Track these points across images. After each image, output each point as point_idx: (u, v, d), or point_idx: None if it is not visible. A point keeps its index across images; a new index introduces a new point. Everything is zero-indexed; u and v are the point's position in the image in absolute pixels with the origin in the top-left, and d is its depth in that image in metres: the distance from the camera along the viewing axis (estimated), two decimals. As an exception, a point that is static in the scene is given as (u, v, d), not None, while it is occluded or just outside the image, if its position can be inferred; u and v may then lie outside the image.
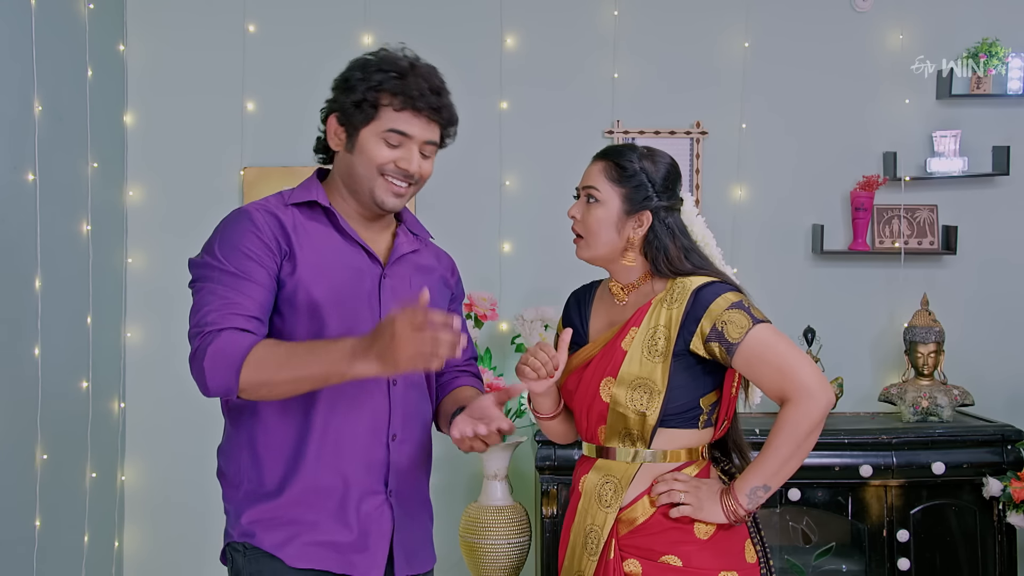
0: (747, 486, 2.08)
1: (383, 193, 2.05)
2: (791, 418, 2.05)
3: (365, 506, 2.02)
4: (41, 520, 3.10)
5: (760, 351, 2.05)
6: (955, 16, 3.99)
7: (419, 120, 2.04)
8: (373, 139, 2.03)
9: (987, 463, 3.49)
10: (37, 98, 3.14)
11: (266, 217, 2.01)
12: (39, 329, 3.11)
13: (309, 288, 1.99)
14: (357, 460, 2.02)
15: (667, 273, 2.16)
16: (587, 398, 2.17)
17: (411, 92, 2.02)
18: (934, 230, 3.99)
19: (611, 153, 2.19)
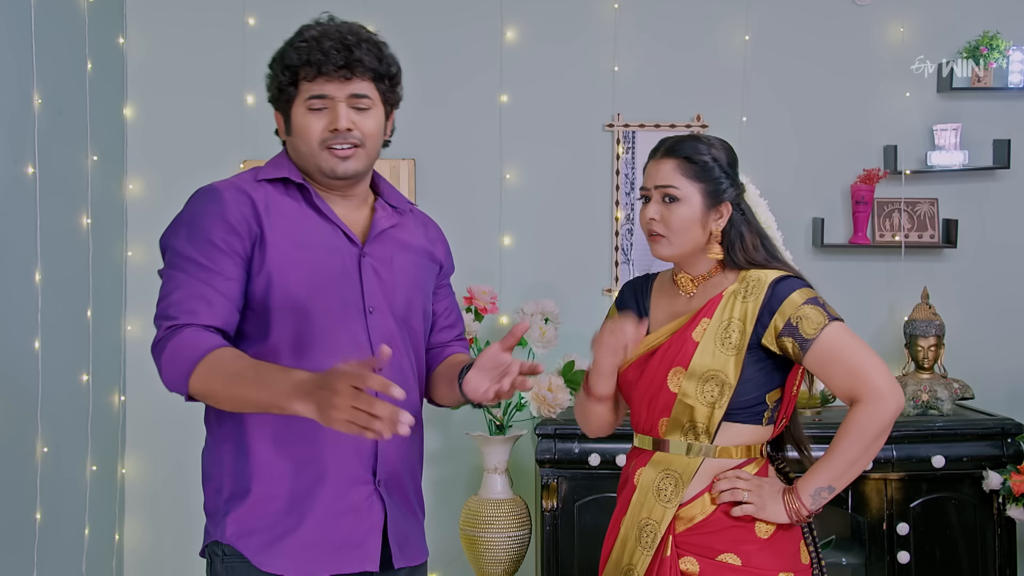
0: (812, 486, 2.06)
1: (329, 162, 1.98)
2: (861, 419, 2.04)
3: (352, 497, 1.96)
4: (41, 513, 3.10)
5: (834, 349, 2.05)
6: (956, 9, 3.98)
7: (333, 81, 1.97)
8: (300, 113, 1.98)
9: (987, 456, 3.49)
10: (37, 91, 3.14)
11: (236, 196, 1.95)
12: (39, 322, 3.11)
13: (284, 271, 1.93)
14: (342, 451, 1.94)
15: (743, 263, 2.14)
16: (651, 388, 2.13)
17: (315, 57, 1.95)
18: (934, 223, 3.99)
19: (681, 148, 2.13)
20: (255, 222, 1.94)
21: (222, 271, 1.90)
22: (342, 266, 1.98)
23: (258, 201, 1.96)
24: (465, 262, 3.94)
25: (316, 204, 2.00)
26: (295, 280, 1.93)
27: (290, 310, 1.93)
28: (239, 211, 1.93)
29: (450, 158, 3.98)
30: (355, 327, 1.97)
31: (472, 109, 3.98)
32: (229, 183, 1.99)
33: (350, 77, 1.97)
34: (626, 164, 3.96)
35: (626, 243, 3.96)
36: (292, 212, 1.98)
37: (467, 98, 3.97)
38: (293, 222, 1.97)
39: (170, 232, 1.97)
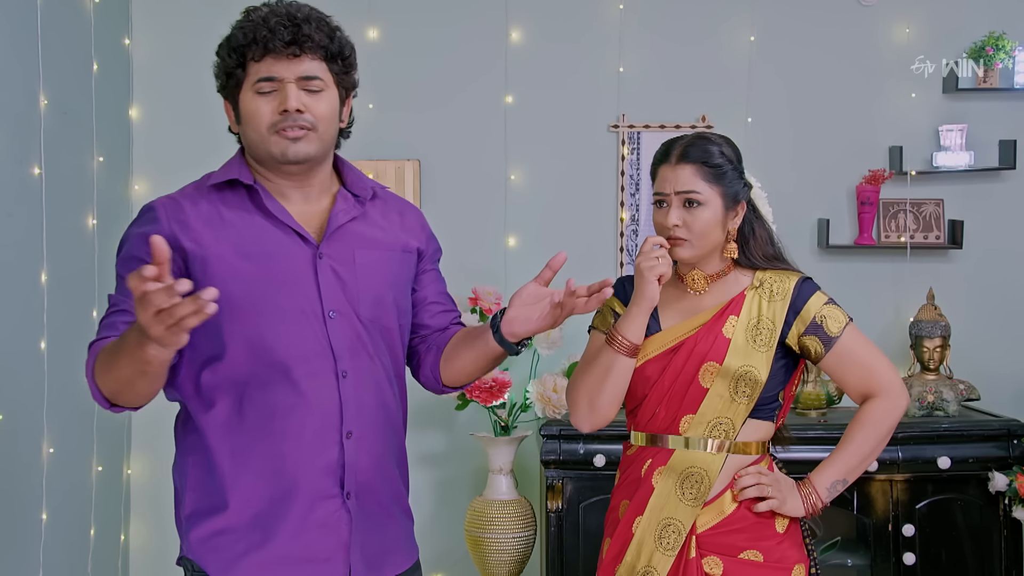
0: (828, 479, 2.12)
1: (279, 145, 1.87)
2: (875, 414, 2.14)
3: (319, 513, 1.86)
4: (47, 513, 3.10)
5: (855, 347, 2.15)
6: (962, 9, 3.97)
7: (280, 59, 1.86)
8: (248, 98, 1.88)
9: (993, 458, 3.48)
10: (43, 92, 3.14)
11: (172, 212, 1.87)
12: (45, 323, 3.12)
13: (228, 283, 1.81)
14: (306, 464, 1.85)
15: (757, 260, 2.19)
16: (678, 384, 2.13)
17: (261, 34, 1.86)
18: (940, 224, 3.98)
19: (696, 153, 2.14)
20: (190, 238, 1.85)
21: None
22: (295, 270, 1.88)
23: (198, 214, 1.87)
24: (470, 263, 3.96)
25: (266, 206, 1.90)
26: (240, 291, 1.84)
27: (240, 323, 1.84)
28: (169, 228, 1.85)
29: (455, 159, 3.98)
30: (313, 334, 1.87)
31: (477, 110, 3.98)
32: (171, 198, 1.92)
33: (299, 54, 1.87)
34: (631, 165, 3.96)
35: (631, 244, 3.96)
36: (240, 219, 1.89)
37: (472, 99, 3.98)
38: (240, 230, 1.88)
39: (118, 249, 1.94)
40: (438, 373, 2.07)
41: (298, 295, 1.87)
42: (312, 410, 1.86)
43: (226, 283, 1.81)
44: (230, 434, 1.86)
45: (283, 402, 1.85)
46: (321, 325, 1.87)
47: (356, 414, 1.89)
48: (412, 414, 3.85)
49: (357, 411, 1.89)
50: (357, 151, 3.91)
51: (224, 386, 1.86)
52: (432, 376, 2.09)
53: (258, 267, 1.86)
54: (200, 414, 1.88)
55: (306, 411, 1.85)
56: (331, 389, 1.87)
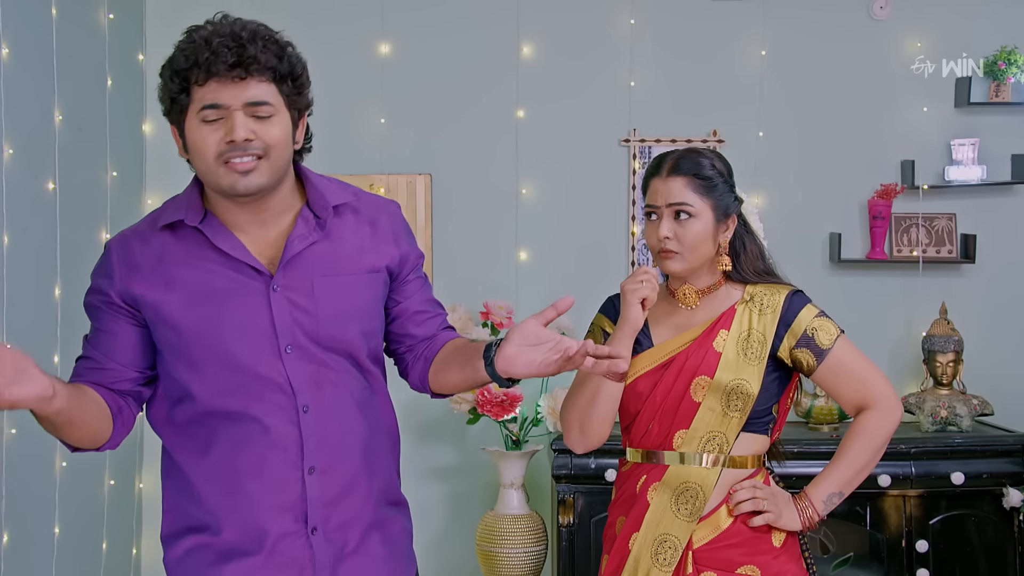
0: (824, 492, 2.11)
1: (228, 179, 1.75)
2: (871, 426, 2.13)
3: (282, 548, 1.81)
4: (60, 527, 3.11)
5: (847, 359, 2.14)
6: (973, 24, 3.97)
7: (226, 84, 1.73)
8: (194, 126, 1.75)
9: (1007, 473, 3.46)
10: (57, 108, 3.17)
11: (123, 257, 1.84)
12: (58, 337, 3.13)
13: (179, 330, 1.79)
14: (268, 501, 1.80)
15: (748, 274, 2.19)
16: (670, 399, 2.13)
17: (203, 57, 1.71)
18: (952, 239, 3.97)
19: (687, 165, 2.15)
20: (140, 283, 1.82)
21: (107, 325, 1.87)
22: (248, 308, 1.80)
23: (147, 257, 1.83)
24: (481, 277, 3.96)
25: (216, 244, 1.82)
26: (194, 336, 1.80)
27: (197, 367, 1.81)
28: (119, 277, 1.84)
29: (466, 173, 3.99)
30: (270, 371, 1.80)
31: (488, 124, 3.99)
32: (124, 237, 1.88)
33: (244, 77, 1.73)
34: (642, 179, 3.95)
35: (642, 258, 3.96)
36: (189, 260, 1.82)
37: (483, 113, 3.99)
38: (190, 272, 1.81)
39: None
40: (427, 383, 2.00)
41: (252, 335, 1.80)
42: (272, 447, 1.80)
43: (179, 329, 1.80)
44: (199, 468, 1.84)
45: (244, 440, 1.81)
46: (277, 361, 1.81)
47: (318, 448, 1.82)
48: (423, 428, 3.88)
49: (319, 445, 1.83)
50: (368, 165, 3.94)
51: (193, 422, 1.85)
52: (421, 384, 2.02)
53: (210, 310, 1.80)
54: (173, 446, 1.88)
55: (266, 449, 1.80)
56: (291, 425, 1.81)
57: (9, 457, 2.87)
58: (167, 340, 1.83)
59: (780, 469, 2.30)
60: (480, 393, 3.49)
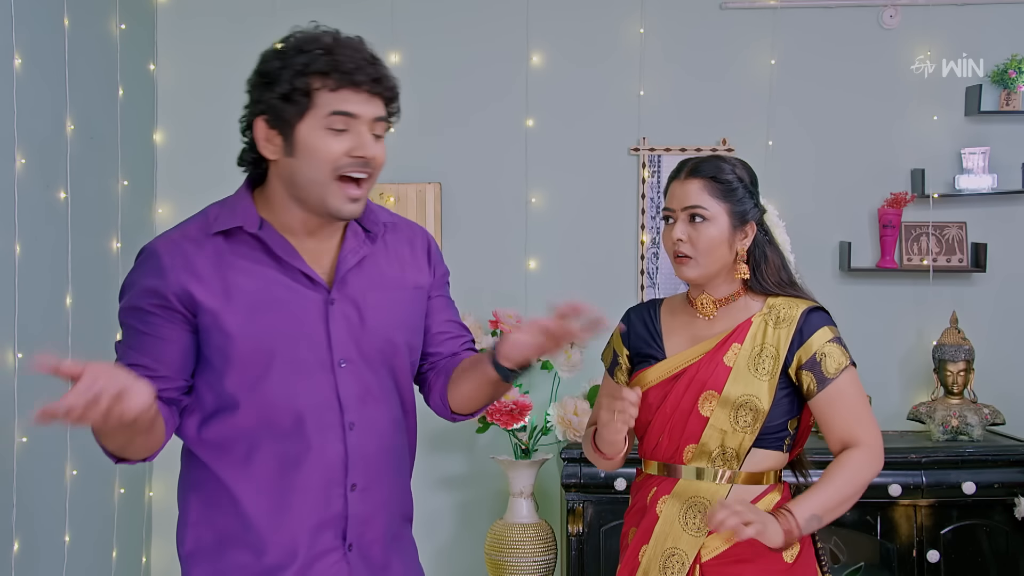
0: (807, 511, 2.03)
1: (337, 201, 1.74)
2: (858, 462, 2.05)
3: (319, 566, 1.80)
4: (71, 535, 3.12)
5: (847, 393, 2.08)
6: (984, 32, 3.96)
7: (360, 96, 1.73)
8: (315, 132, 1.72)
9: (1018, 483, 3.44)
10: (69, 117, 3.18)
11: (178, 261, 1.77)
12: (70, 345, 3.14)
13: (233, 339, 1.75)
14: (310, 517, 1.79)
15: (768, 286, 2.14)
16: (678, 412, 2.11)
17: (345, 66, 1.72)
18: (963, 247, 3.96)
19: (706, 168, 2.12)
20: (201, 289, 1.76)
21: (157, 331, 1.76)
22: (306, 320, 1.79)
23: (206, 262, 1.77)
24: (490, 285, 3.96)
25: (275, 253, 1.79)
26: (252, 347, 1.77)
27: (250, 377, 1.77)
28: (176, 279, 1.76)
29: (476, 182, 4.00)
30: (322, 386, 1.80)
31: (498, 133, 3.99)
32: (173, 242, 1.80)
33: (376, 94, 1.75)
34: (652, 188, 3.96)
35: (652, 267, 3.95)
36: (247, 266, 1.78)
37: (493, 122, 3.99)
38: (250, 276, 1.78)
39: (121, 289, 1.83)
40: (446, 399, 1.99)
41: (309, 347, 1.79)
42: (317, 464, 1.79)
43: (233, 338, 1.76)
44: (238, 481, 1.80)
45: (290, 455, 1.79)
46: (330, 376, 1.80)
47: (362, 466, 1.83)
48: (432, 437, 3.88)
49: (363, 462, 1.83)
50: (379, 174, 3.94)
51: (233, 436, 1.80)
52: (441, 403, 2.01)
53: (269, 320, 1.77)
54: (209, 459, 1.82)
55: (312, 465, 1.79)
56: (337, 442, 1.80)
57: (20, 465, 2.88)
58: (219, 348, 1.76)
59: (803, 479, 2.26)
60: (489, 402, 3.48)
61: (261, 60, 1.81)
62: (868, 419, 2.09)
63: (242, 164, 1.86)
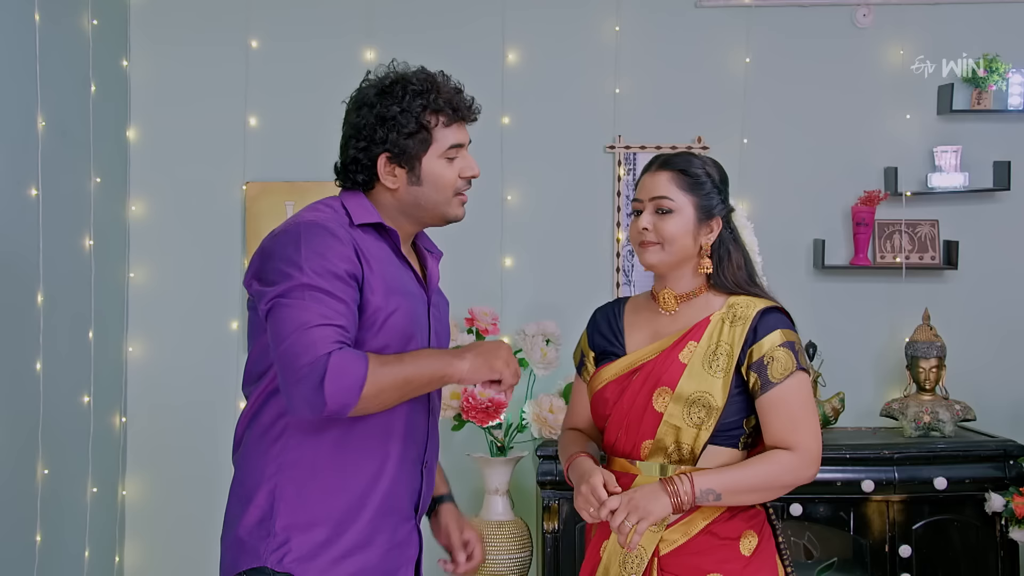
0: (708, 483, 2.03)
1: (455, 209, 2.06)
2: (784, 464, 2.05)
3: (400, 532, 2.02)
4: (42, 535, 3.09)
5: (789, 398, 2.07)
6: (955, 32, 4.00)
7: (463, 127, 2.07)
8: (438, 164, 2.02)
9: (989, 478, 3.48)
10: (40, 113, 3.15)
11: (344, 232, 1.94)
12: (40, 343, 3.12)
13: (385, 312, 1.95)
14: (401, 487, 2.01)
15: (729, 284, 2.16)
16: (634, 408, 2.13)
17: (453, 103, 2.03)
18: (935, 245, 3.99)
19: (676, 162, 2.16)
20: (363, 260, 1.94)
21: (345, 298, 1.88)
22: (420, 312, 2.04)
23: (358, 242, 1.95)
24: (466, 283, 3.95)
25: (401, 251, 2.04)
26: (395, 321, 1.96)
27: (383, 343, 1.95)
28: (352, 248, 1.93)
29: (452, 180, 3.99)
30: None
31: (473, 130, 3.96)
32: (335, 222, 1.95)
33: (472, 121, 2.08)
34: (627, 186, 3.97)
35: (627, 264, 3.96)
36: (382, 256, 2.00)
37: (469, 120, 3.98)
38: (384, 265, 1.99)
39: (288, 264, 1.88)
40: None
41: (419, 336, 2.02)
42: (411, 439, 2.02)
43: (385, 310, 1.95)
44: (348, 449, 1.95)
45: (392, 429, 1.98)
46: None
47: (432, 446, 2.09)
48: (408, 435, 3.86)
49: (433, 444, 2.10)
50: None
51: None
52: None
53: (408, 305, 1.99)
54: (321, 425, 1.93)
55: (408, 440, 2.01)
56: (424, 422, 2.06)
57: (-9, 465, 2.86)
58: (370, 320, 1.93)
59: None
60: (465, 399, 3.49)
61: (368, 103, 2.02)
62: (807, 427, 2.07)
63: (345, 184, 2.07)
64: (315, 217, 1.95)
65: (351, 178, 2.05)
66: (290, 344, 1.81)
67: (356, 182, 2.04)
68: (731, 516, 2.12)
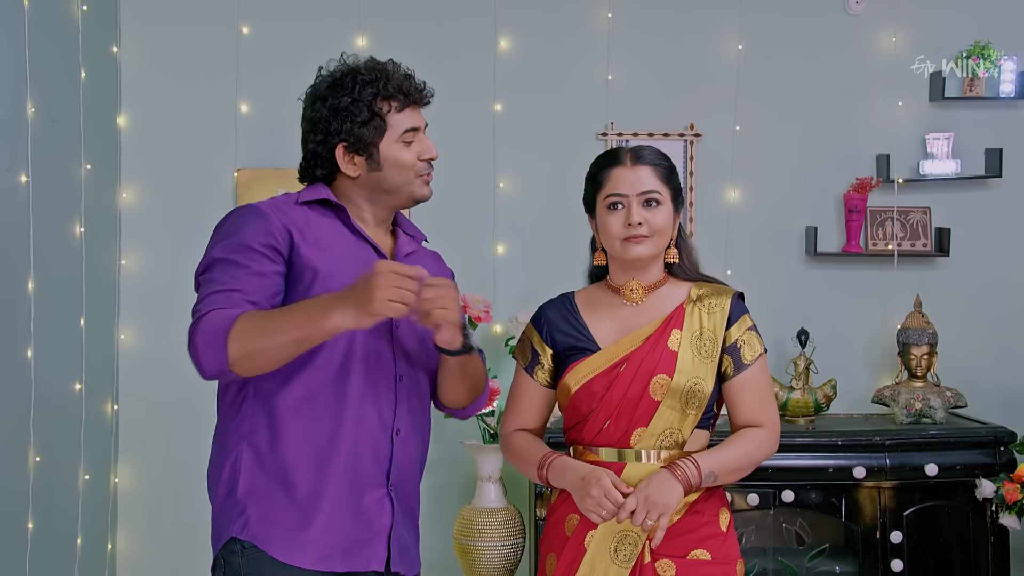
0: (710, 466, 2.11)
1: (420, 189, 2.13)
2: (759, 440, 2.17)
3: (368, 499, 2.02)
4: (34, 523, 3.09)
5: (758, 378, 2.19)
6: (948, 19, 4.00)
7: (417, 111, 2.13)
8: (396, 148, 2.08)
9: (980, 465, 3.49)
10: (30, 100, 3.13)
11: (274, 209, 2.01)
12: (32, 331, 3.10)
13: (324, 281, 1.98)
14: (368, 454, 2.02)
15: (689, 271, 2.25)
16: (628, 399, 2.14)
17: (404, 88, 2.09)
18: (927, 232, 4.00)
19: (650, 155, 2.23)
20: (296, 231, 2.00)
21: (254, 268, 1.94)
22: None
23: (296, 217, 2.02)
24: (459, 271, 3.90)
25: (353, 224, 2.08)
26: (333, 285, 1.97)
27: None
28: (278, 220, 1.99)
29: (443, 167, 3.92)
30: (381, 340, 2.05)
31: (466, 118, 3.98)
32: (268, 202, 2.05)
33: (425, 104, 2.16)
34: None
35: (619, 252, 3.96)
36: (330, 229, 2.05)
37: (461, 107, 3.98)
38: (331, 236, 2.04)
39: (210, 247, 2.00)
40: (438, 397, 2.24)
41: None
42: (376, 403, 2.03)
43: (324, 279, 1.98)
44: (300, 415, 1.98)
45: (353, 393, 2.00)
46: (389, 332, 2.06)
47: (406, 415, 2.08)
48: (401, 422, 3.86)
49: (407, 412, 2.09)
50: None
51: (308, 370, 1.98)
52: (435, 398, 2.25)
53: (349, 271, 1.98)
54: (272, 392, 1.98)
55: (372, 404, 2.02)
56: (391, 389, 2.06)
57: (-18, 452, 2.85)
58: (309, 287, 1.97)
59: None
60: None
61: (321, 97, 2.07)
62: (771, 404, 2.21)
63: (306, 180, 2.13)
64: (252, 203, 2.05)
65: (311, 172, 2.12)
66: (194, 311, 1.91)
67: (316, 176, 2.11)
68: (710, 494, 2.19)
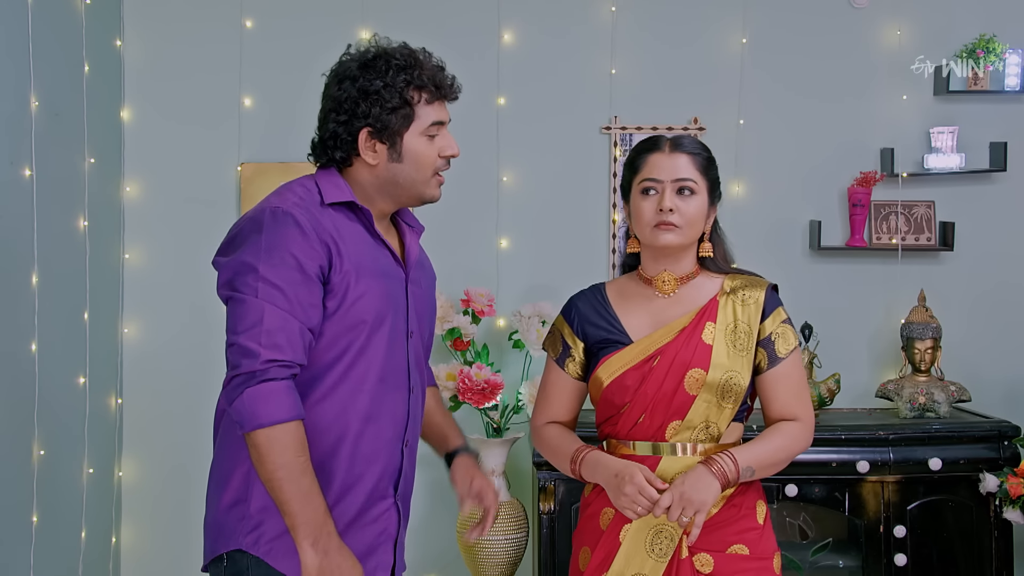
0: (748, 460, 2.11)
1: (431, 190, 2.05)
2: (795, 434, 2.16)
3: (377, 510, 2.01)
4: (38, 516, 3.09)
5: (794, 371, 2.18)
6: (952, 12, 3.99)
7: (444, 105, 2.05)
8: (419, 141, 2.00)
9: (984, 459, 3.49)
10: (34, 94, 3.13)
11: (311, 220, 1.90)
12: (36, 325, 3.11)
13: (355, 298, 1.93)
14: (380, 467, 2.00)
15: (722, 264, 2.23)
16: (663, 391, 2.13)
17: (436, 80, 2.02)
18: (931, 226, 3.99)
19: (690, 144, 2.21)
20: (333, 246, 1.91)
21: (307, 300, 1.87)
22: (397, 291, 2.03)
23: (327, 225, 1.93)
24: (462, 264, 3.95)
25: (375, 230, 2.01)
26: (364, 304, 1.94)
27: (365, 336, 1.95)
28: (317, 236, 1.89)
29: (447, 160, 3.97)
30: (399, 351, 2.02)
31: (469, 111, 3.95)
32: (298, 205, 1.93)
33: (453, 99, 2.07)
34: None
35: (623, 245, 3.95)
36: (355, 235, 1.97)
37: (464, 100, 3.92)
38: (357, 245, 1.97)
39: (248, 254, 1.90)
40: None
41: (399, 314, 2.02)
42: (391, 419, 2.01)
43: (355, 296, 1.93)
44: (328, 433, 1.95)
45: (372, 409, 1.97)
46: (405, 342, 2.04)
47: (413, 426, 2.07)
48: (404, 416, 3.87)
49: (414, 424, 2.08)
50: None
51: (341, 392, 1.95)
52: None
53: (381, 286, 1.97)
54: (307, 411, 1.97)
55: (388, 420, 2.00)
56: (404, 403, 2.04)
57: (-14, 446, 2.86)
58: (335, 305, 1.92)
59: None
60: (461, 380, 3.49)
61: (351, 76, 1.98)
62: (806, 397, 2.19)
63: (321, 160, 2.04)
64: (282, 203, 1.92)
65: (328, 154, 2.02)
66: (238, 340, 1.85)
67: (333, 159, 2.02)
68: (747, 487, 2.18)
